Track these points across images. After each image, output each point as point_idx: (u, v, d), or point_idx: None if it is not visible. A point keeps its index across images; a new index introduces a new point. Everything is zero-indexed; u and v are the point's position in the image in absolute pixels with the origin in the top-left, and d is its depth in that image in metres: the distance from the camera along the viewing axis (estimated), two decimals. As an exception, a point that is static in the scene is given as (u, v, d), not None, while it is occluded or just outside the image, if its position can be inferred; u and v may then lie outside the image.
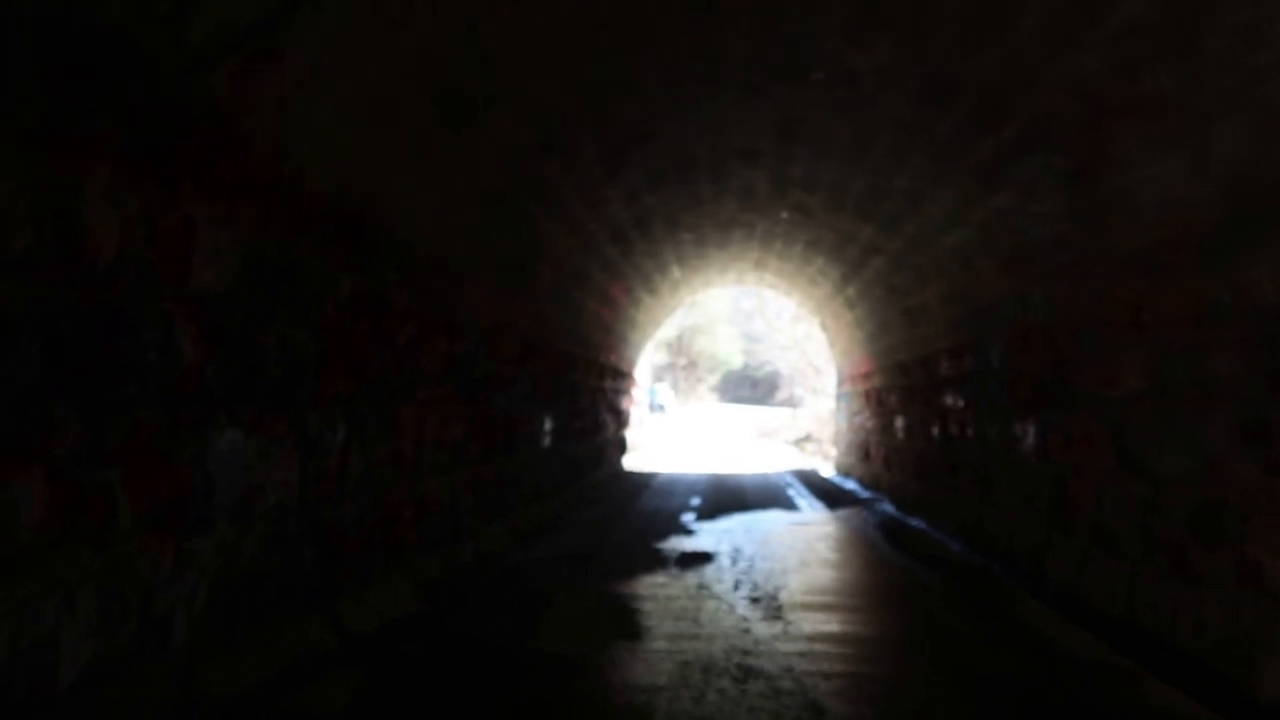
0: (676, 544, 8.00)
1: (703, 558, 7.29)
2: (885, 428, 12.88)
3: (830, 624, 5.17)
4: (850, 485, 14.50)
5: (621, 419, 16.65)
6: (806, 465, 19.58)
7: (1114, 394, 5.54)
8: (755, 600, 5.72)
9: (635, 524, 9.37)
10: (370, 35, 4.44)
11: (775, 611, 5.42)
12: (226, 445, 3.62)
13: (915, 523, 9.88)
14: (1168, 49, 4.34)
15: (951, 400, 9.34)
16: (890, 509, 11.21)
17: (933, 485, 10.02)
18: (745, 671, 4.22)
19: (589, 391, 12.89)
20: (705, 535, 8.62)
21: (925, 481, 10.39)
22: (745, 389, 56.95)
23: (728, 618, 5.27)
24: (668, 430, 32.01)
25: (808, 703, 3.85)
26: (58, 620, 2.73)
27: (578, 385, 11.99)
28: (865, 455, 14.41)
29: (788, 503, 11.88)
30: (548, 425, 10.06)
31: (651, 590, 5.99)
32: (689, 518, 9.94)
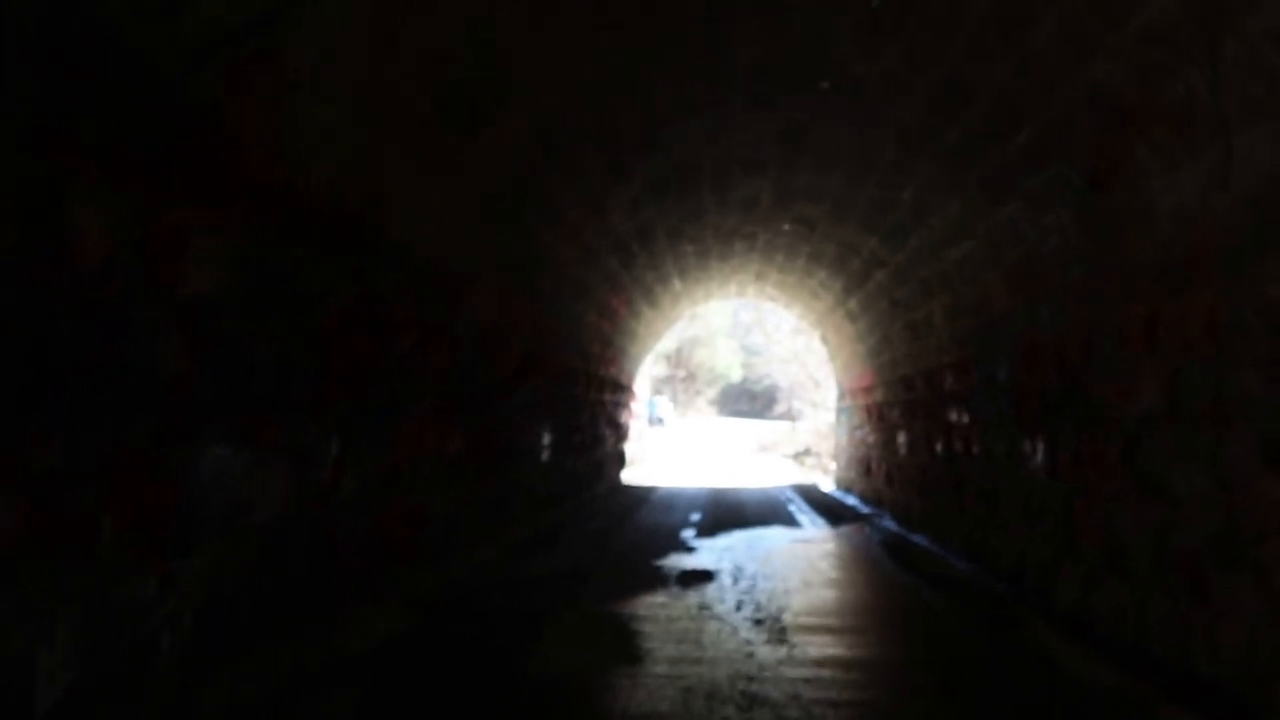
0: (677, 561, 7.85)
1: (704, 576, 7.14)
2: (887, 443, 12.74)
3: (836, 647, 5.03)
4: (851, 500, 14.35)
5: (620, 432, 16.51)
6: (806, 480, 19.42)
7: (1127, 411, 5.41)
8: (758, 622, 5.57)
9: (634, 540, 9.22)
10: (370, 36, 4.32)
11: (779, 634, 5.27)
12: (216, 458, 3.48)
13: (918, 540, 9.73)
14: (1190, 54, 4.23)
15: (956, 416, 9.20)
16: (892, 525, 11.07)
17: (936, 502, 9.87)
18: (750, 699, 4.07)
19: (588, 404, 12.76)
20: (706, 552, 8.47)
21: (928, 498, 10.24)
22: (744, 402, 56.81)
23: (730, 640, 5.12)
24: (667, 444, 31.86)
25: (816, 733, 3.71)
26: (33, 645, 2.59)
27: (577, 398, 11.86)
28: (866, 470, 14.26)
29: (789, 519, 11.73)
30: (546, 438, 9.92)
31: (652, 610, 5.84)
32: (689, 534, 9.79)
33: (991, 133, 6.32)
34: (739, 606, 6.01)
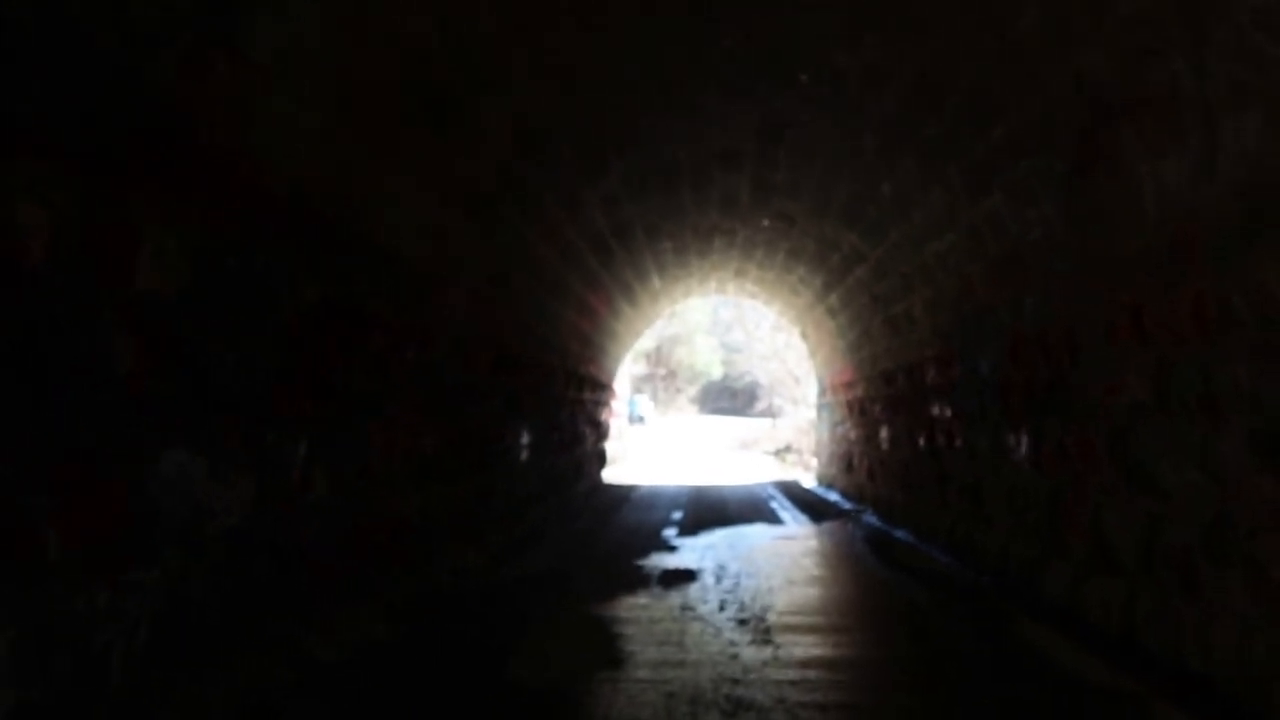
0: (658, 561, 7.73)
1: (686, 575, 7.02)
2: (869, 438, 12.67)
3: (822, 647, 4.91)
4: (833, 497, 14.28)
5: (601, 431, 16.38)
6: (788, 476, 19.35)
7: (1115, 403, 5.33)
8: (742, 622, 5.45)
9: (615, 540, 9.09)
10: (339, 27, 4.18)
11: (764, 634, 5.16)
12: (173, 465, 3.32)
13: (901, 535, 9.66)
14: (1175, 39, 4.14)
15: (939, 410, 9.13)
16: (875, 521, 11.00)
17: (919, 497, 9.80)
18: (735, 704, 3.94)
19: (568, 403, 12.62)
20: (688, 551, 8.35)
21: (911, 493, 10.17)
22: (725, 400, 56.81)
23: (714, 642, 5.00)
24: (648, 442, 31.75)
25: (804, 737, 3.60)
26: (-28, 664, 2.44)
27: (556, 397, 11.72)
28: (848, 466, 14.19)
29: (771, 516, 11.63)
30: (525, 438, 9.78)
31: (633, 612, 5.71)
32: (671, 533, 9.67)
33: (973, 123, 6.22)
34: (722, 606, 5.89)
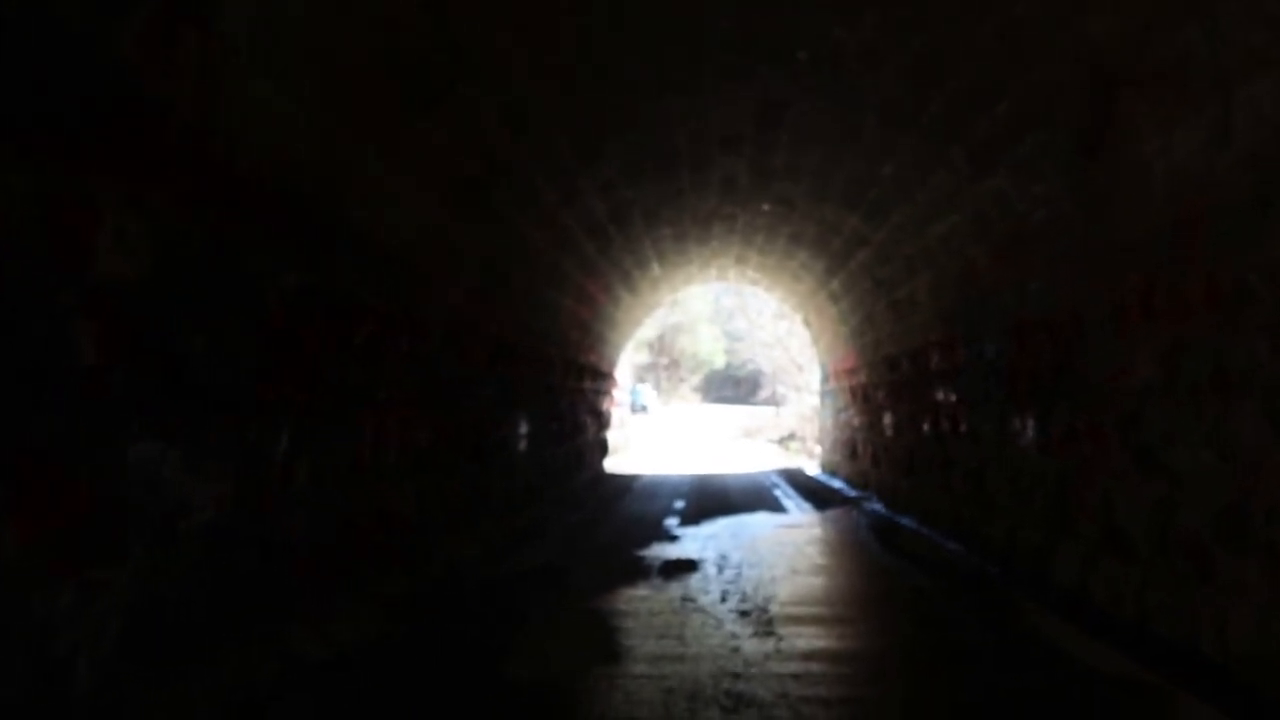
0: (659, 551, 7.59)
1: (687, 566, 6.88)
2: (873, 424, 12.52)
3: (826, 639, 4.77)
4: (837, 484, 14.15)
5: (602, 420, 16.24)
6: (791, 464, 19.22)
7: (1125, 385, 5.17)
8: (744, 614, 5.31)
9: (616, 530, 8.95)
10: (318, 5, 4.02)
11: (766, 626, 5.01)
12: (143, 458, 3.17)
13: (906, 521, 9.53)
14: (1186, 5, 3.97)
15: (943, 395, 8.98)
16: (879, 508, 10.87)
17: (924, 483, 9.66)
18: (735, 699, 3.80)
19: (567, 393, 12.48)
20: (689, 541, 8.21)
21: (916, 479, 10.03)
22: (728, 388, 56.68)
23: (715, 634, 4.86)
24: (650, 431, 31.64)
25: (806, 735, 3.46)
26: (-76, 670, 2.30)
27: (555, 386, 11.57)
28: (852, 453, 14.05)
29: (774, 504, 11.50)
30: (523, 428, 9.64)
31: (632, 604, 5.57)
32: (672, 522, 9.54)
33: (975, 101, 6.06)
34: (724, 597, 5.75)
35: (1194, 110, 4.29)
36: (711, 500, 11.82)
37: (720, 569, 6.74)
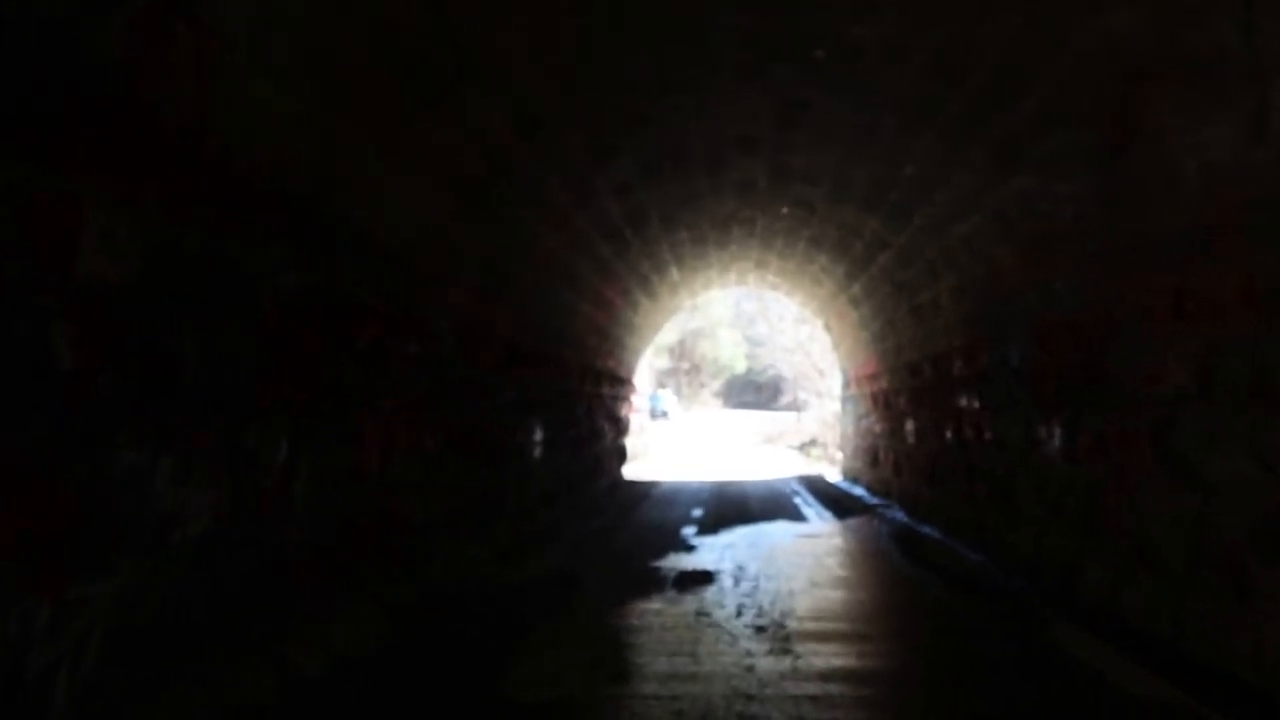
0: (674, 562, 7.43)
1: (703, 577, 6.72)
2: (894, 431, 12.31)
3: (846, 657, 4.59)
4: (858, 491, 13.94)
5: (620, 426, 16.09)
6: (812, 471, 19.00)
7: (1156, 391, 4.97)
8: (760, 629, 5.14)
9: (631, 539, 8.80)
10: (320, 2, 3.92)
11: (783, 643, 4.84)
12: (131, 466, 3.06)
13: (928, 531, 9.32)
14: (1221, -6, 3.80)
15: (966, 401, 8.77)
16: (901, 516, 10.66)
17: (947, 491, 9.45)
18: (748, 721, 3.64)
19: (584, 398, 12.34)
20: (706, 551, 8.04)
21: (939, 487, 9.82)
22: (749, 394, 56.42)
23: (729, 651, 4.69)
24: (670, 437, 31.46)
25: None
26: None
27: (571, 391, 11.44)
28: (874, 460, 13.83)
29: (794, 512, 11.31)
30: (538, 434, 9.51)
31: (644, 618, 5.42)
32: (689, 531, 9.37)
33: (999, 97, 5.88)
34: (739, 611, 5.58)
35: (1227, 104, 4.10)
36: (730, 508, 11.65)
37: (737, 581, 6.57)
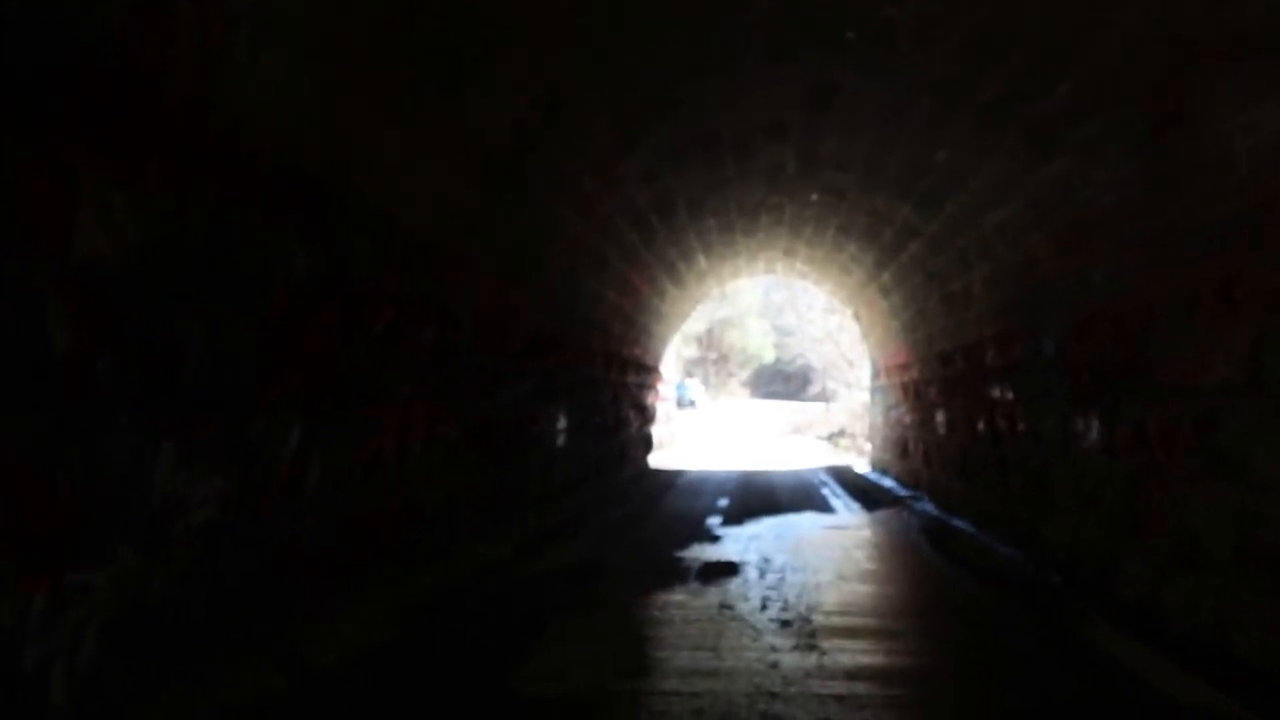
0: (699, 553, 7.29)
1: (727, 569, 6.57)
2: (924, 422, 12.10)
3: (874, 655, 4.43)
4: (887, 483, 13.74)
5: (646, 415, 15.97)
6: (840, 462, 18.79)
7: (1201, 383, 4.76)
8: (785, 624, 4.99)
9: (655, 529, 8.67)
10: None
11: (809, 638, 4.69)
12: (130, 454, 2.96)
13: (959, 524, 9.13)
14: (1281, -40, 3.59)
15: (999, 392, 8.56)
16: (931, 509, 10.47)
17: (978, 484, 9.24)
18: (770, 721, 3.50)
19: (609, 386, 12.22)
20: (731, 542, 7.90)
21: (970, 480, 9.61)
22: (777, 383, 56.12)
23: (753, 646, 4.54)
24: (697, 426, 31.30)
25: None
26: None
27: (596, 380, 11.32)
28: (903, 451, 13.62)
29: (822, 503, 11.13)
30: (561, 423, 9.40)
31: (666, 611, 5.28)
32: (714, 521, 9.23)
33: (1036, 79, 5.67)
34: (764, 605, 5.43)
35: (1284, 80, 3.89)
36: (756, 498, 11.50)
37: (762, 573, 6.43)
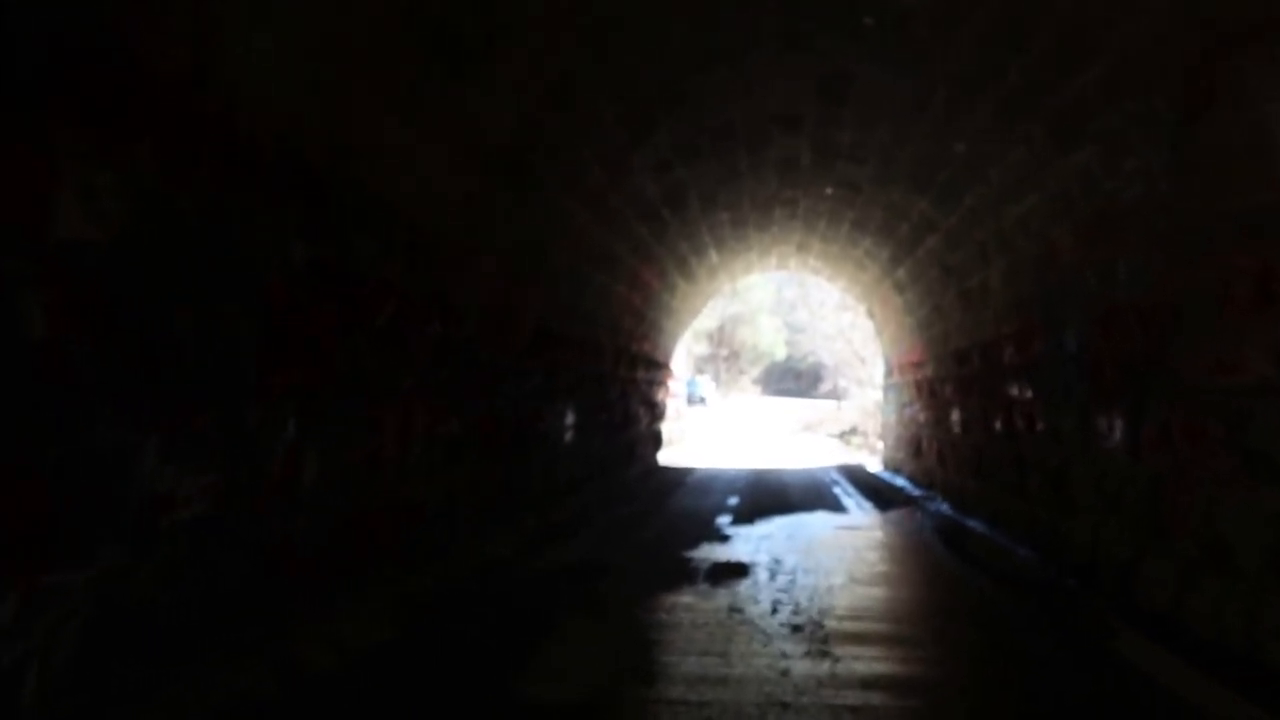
0: (708, 553, 7.14)
1: (737, 570, 6.42)
2: (939, 420, 11.91)
3: (888, 663, 4.26)
4: (900, 482, 13.55)
5: (656, 412, 15.81)
6: (852, 460, 18.61)
7: (1233, 381, 4.58)
8: (796, 628, 4.83)
9: (663, 527, 8.52)
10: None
11: (821, 644, 4.53)
12: (113, 447, 2.82)
13: (974, 524, 8.95)
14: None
15: (1017, 390, 8.37)
16: (945, 509, 10.29)
17: (994, 484, 9.06)
18: (783, 733, 3.35)
19: (618, 382, 12.07)
20: (741, 542, 7.74)
21: (985, 480, 9.43)
22: (788, 381, 55.95)
23: (763, 652, 4.39)
24: (708, 423, 31.14)
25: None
26: None
27: (605, 376, 11.17)
28: (917, 450, 13.44)
29: (834, 503, 10.96)
30: (569, 419, 9.25)
31: (674, 613, 5.13)
32: (724, 520, 9.07)
33: (1061, 66, 5.49)
34: (775, 608, 5.28)
35: (1327, 63, 3.71)
36: (767, 497, 11.33)
37: (773, 575, 6.27)
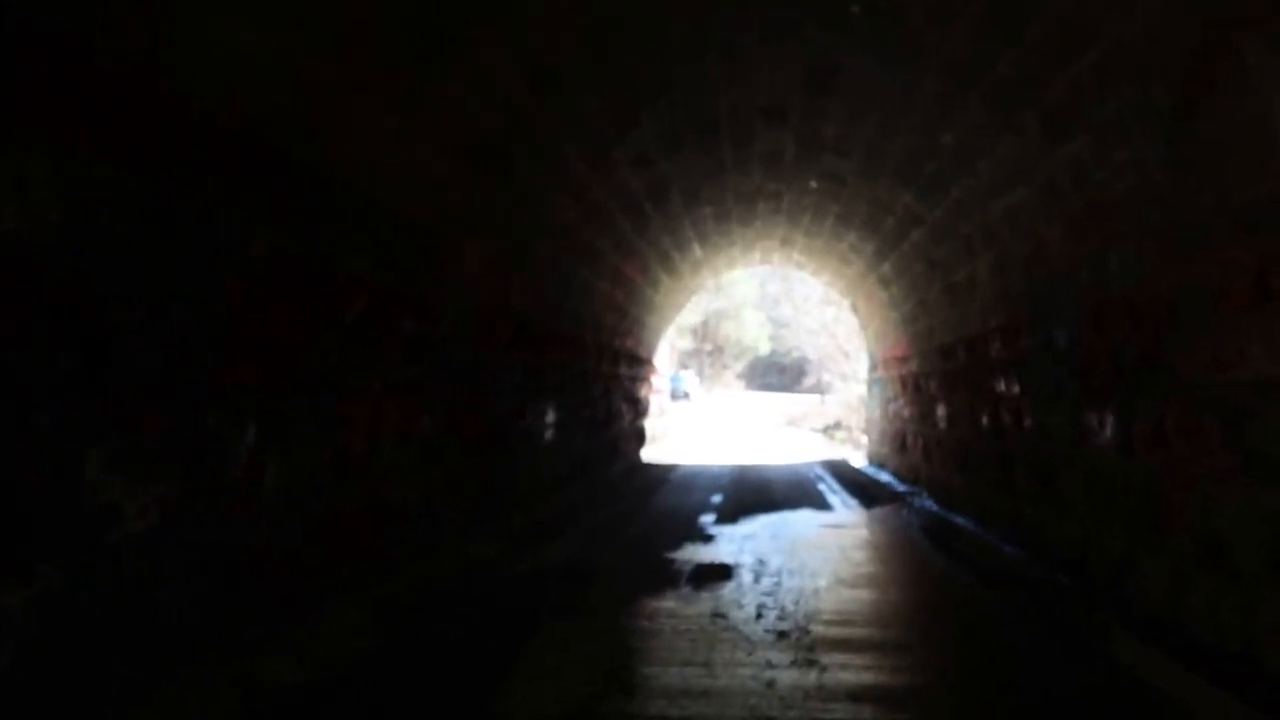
0: (691, 554, 6.98)
1: (721, 572, 6.26)
2: (924, 416, 11.80)
3: (877, 672, 4.10)
4: (884, 477, 13.45)
5: (639, 408, 15.65)
6: (836, 455, 18.51)
7: (1230, 378, 4.45)
8: (782, 635, 4.67)
9: (647, 527, 8.36)
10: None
11: (807, 652, 4.37)
12: (50, 457, 2.63)
13: (960, 521, 8.85)
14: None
15: (1004, 386, 8.25)
16: (931, 505, 10.18)
17: (980, 480, 8.95)
18: (768, 752, 3.19)
19: (601, 379, 11.89)
20: (725, 542, 7.59)
21: (971, 476, 9.31)
22: (772, 375, 55.98)
23: (747, 661, 4.22)
24: (692, 419, 31.03)
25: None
26: None
27: (587, 372, 10.99)
28: (901, 446, 13.33)
29: (818, 500, 10.83)
30: (550, 417, 9.07)
31: (656, 620, 4.96)
32: (708, 519, 8.92)
33: (1054, 56, 5.34)
34: (759, 614, 5.12)
35: (1332, 49, 3.57)
36: (751, 494, 11.19)
37: (757, 577, 6.11)
